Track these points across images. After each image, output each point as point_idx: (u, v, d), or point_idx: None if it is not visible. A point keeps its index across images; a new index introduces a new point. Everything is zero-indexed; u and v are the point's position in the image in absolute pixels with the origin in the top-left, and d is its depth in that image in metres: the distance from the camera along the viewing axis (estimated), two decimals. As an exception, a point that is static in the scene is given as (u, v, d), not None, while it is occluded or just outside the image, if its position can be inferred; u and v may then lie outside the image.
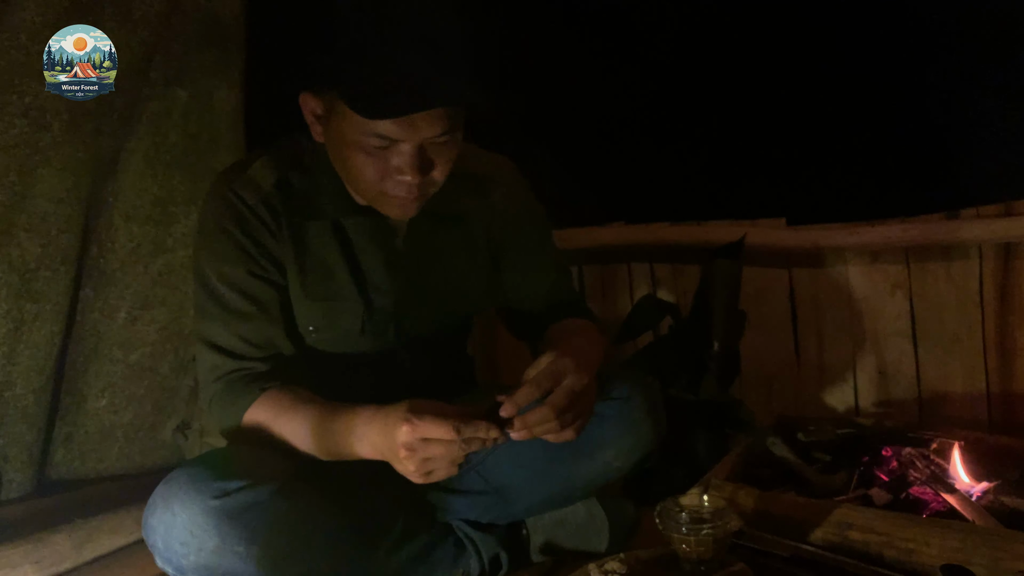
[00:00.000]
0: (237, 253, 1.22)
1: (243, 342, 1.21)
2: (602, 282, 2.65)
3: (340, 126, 1.12)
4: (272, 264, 1.24)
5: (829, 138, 2.37)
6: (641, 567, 1.20)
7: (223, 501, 1.06)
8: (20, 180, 1.64)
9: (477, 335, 2.57)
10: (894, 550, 1.31)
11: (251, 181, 1.23)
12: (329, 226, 1.27)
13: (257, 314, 1.22)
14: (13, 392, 1.71)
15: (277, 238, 1.24)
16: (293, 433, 1.15)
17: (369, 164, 1.12)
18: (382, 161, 1.12)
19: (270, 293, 1.24)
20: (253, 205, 1.22)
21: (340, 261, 1.27)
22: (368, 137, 1.09)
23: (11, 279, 1.66)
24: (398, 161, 1.11)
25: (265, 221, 1.23)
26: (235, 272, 1.22)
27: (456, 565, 1.34)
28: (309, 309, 1.27)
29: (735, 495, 1.50)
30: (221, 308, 1.22)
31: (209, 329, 1.22)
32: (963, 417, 2.17)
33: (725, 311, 2.06)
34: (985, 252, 2.15)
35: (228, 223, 1.22)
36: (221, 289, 1.22)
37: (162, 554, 1.08)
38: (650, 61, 2.56)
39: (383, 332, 1.32)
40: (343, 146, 1.13)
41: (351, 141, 1.11)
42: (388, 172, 1.12)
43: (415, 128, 1.08)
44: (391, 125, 1.07)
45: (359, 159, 1.12)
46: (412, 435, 1.01)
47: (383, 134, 1.08)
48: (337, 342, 1.30)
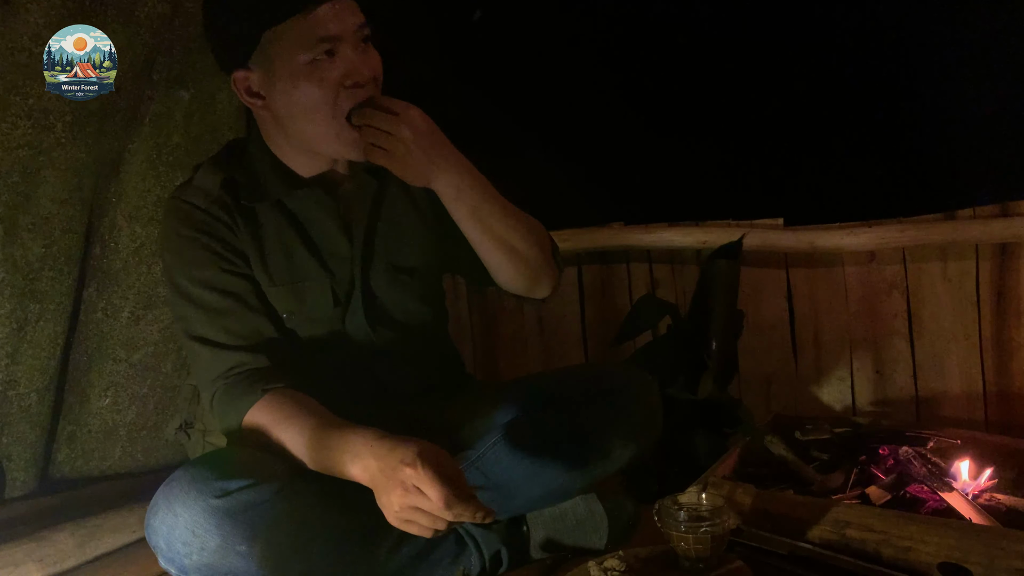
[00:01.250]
0: (204, 254, 1.25)
1: (231, 335, 1.23)
2: (601, 282, 2.66)
3: (284, 64, 1.17)
4: (238, 257, 1.27)
5: (826, 139, 2.38)
6: (640, 564, 1.21)
7: (225, 501, 1.07)
8: (24, 181, 1.65)
9: (474, 333, 2.59)
10: (891, 548, 1.31)
11: (198, 188, 1.28)
12: (278, 207, 1.30)
13: (237, 307, 1.25)
14: (17, 391, 1.72)
15: (235, 232, 1.27)
16: (290, 441, 1.15)
17: (321, 82, 1.17)
18: (333, 75, 1.17)
19: (244, 285, 1.26)
20: (206, 207, 1.26)
21: (296, 239, 1.30)
22: (313, 49, 1.15)
23: (15, 279, 1.67)
24: (345, 65, 1.18)
25: (220, 218, 1.26)
26: (206, 273, 1.25)
27: (457, 562, 1.34)
28: (278, 295, 1.29)
29: (733, 493, 1.51)
30: (201, 310, 1.24)
31: (196, 329, 1.24)
32: (960, 416, 2.18)
33: (723, 311, 2.06)
34: (982, 252, 2.16)
35: (187, 230, 1.25)
36: (196, 291, 1.24)
37: (165, 554, 1.09)
38: (649, 62, 2.57)
39: (354, 308, 1.33)
40: (290, 89, 1.18)
41: (300, 69, 1.16)
42: (341, 87, 1.18)
43: (344, 17, 1.16)
44: (329, 21, 1.15)
45: (310, 91, 1.17)
46: (412, 479, 1.00)
47: (325, 35, 1.15)
48: (313, 325, 1.31)
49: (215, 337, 1.23)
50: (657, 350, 2.15)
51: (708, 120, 2.54)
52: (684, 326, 2.12)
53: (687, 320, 2.12)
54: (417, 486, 1.00)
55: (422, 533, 1.03)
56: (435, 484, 0.99)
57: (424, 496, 1.00)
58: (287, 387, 1.20)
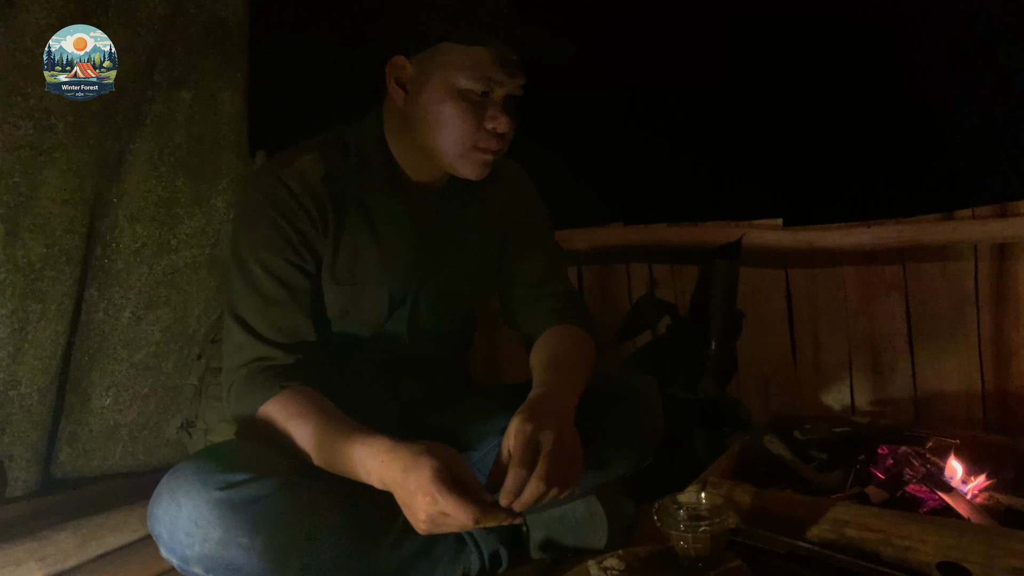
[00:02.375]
0: (278, 239, 1.24)
1: (272, 327, 1.23)
2: (601, 282, 2.67)
3: (441, 78, 1.19)
4: (310, 254, 1.26)
5: (825, 139, 2.38)
6: (639, 564, 1.21)
7: (228, 493, 1.07)
8: (25, 181, 1.65)
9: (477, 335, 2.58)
10: (890, 547, 1.32)
11: (299, 172, 1.26)
12: (361, 209, 1.29)
13: (289, 301, 1.24)
14: (18, 391, 1.72)
15: (319, 230, 1.26)
16: (301, 439, 1.16)
17: (467, 113, 1.20)
18: (479, 110, 1.20)
19: (304, 282, 1.26)
20: (300, 195, 1.24)
21: (370, 241, 1.30)
22: (472, 81, 1.19)
23: (16, 279, 1.67)
24: (493, 110, 1.21)
25: (309, 212, 1.25)
26: (273, 259, 1.24)
27: (457, 562, 1.35)
28: (338, 293, 1.28)
29: (732, 493, 1.51)
30: (254, 292, 1.23)
31: (241, 308, 1.24)
32: (958, 416, 2.18)
33: (723, 311, 2.07)
34: (980, 252, 2.16)
35: (272, 210, 1.24)
36: (256, 272, 1.23)
37: (166, 544, 1.09)
38: (649, 62, 2.57)
39: (397, 317, 1.34)
40: (437, 102, 1.20)
41: (450, 91, 1.19)
42: (482, 122, 1.21)
43: (512, 73, 1.20)
44: (497, 68, 1.19)
45: (457, 109, 1.20)
46: (434, 507, 1.02)
47: (489, 75, 1.18)
48: (361, 326, 1.32)
49: (255, 323, 1.23)
50: (657, 350, 2.15)
51: (708, 120, 2.54)
52: (683, 326, 2.13)
53: (686, 320, 2.13)
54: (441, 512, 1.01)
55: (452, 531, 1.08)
56: (459, 506, 1.01)
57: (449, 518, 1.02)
58: (304, 385, 1.21)
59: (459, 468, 1.06)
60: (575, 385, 1.24)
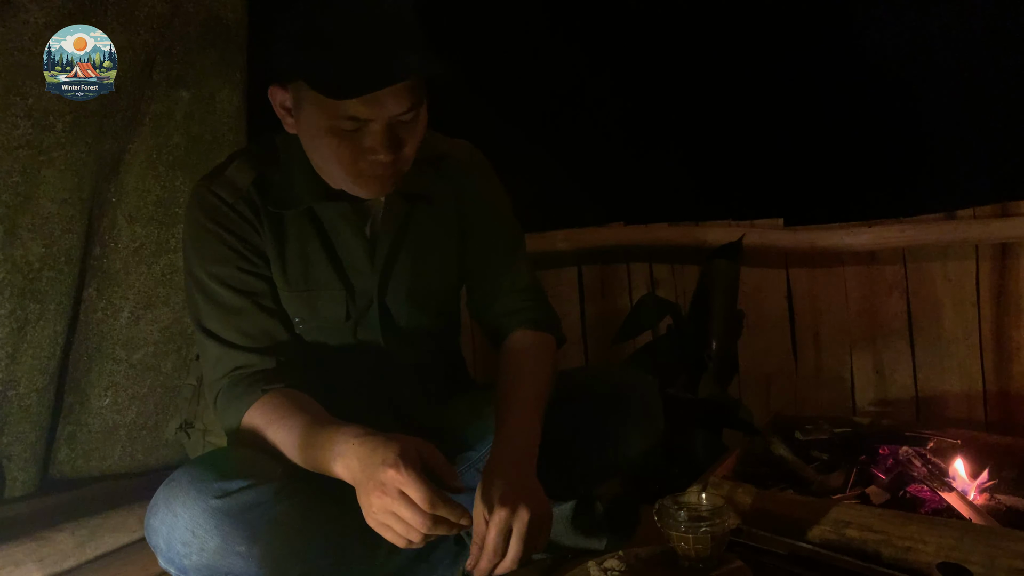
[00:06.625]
0: (224, 251, 1.24)
1: (242, 335, 1.23)
2: (601, 282, 2.66)
3: (310, 113, 1.14)
4: (259, 258, 1.26)
5: (826, 139, 2.38)
6: (640, 565, 1.21)
7: (224, 501, 1.06)
8: (24, 181, 1.65)
9: (475, 335, 2.58)
10: (891, 548, 1.31)
11: (229, 181, 1.26)
12: (305, 214, 1.28)
13: (251, 308, 1.24)
14: (17, 391, 1.72)
15: (259, 233, 1.26)
16: (283, 441, 1.15)
17: (343, 147, 1.14)
18: (354, 143, 1.14)
19: (260, 286, 1.26)
20: (233, 203, 1.24)
21: (318, 249, 1.29)
22: (339, 120, 1.11)
23: (15, 279, 1.67)
24: (370, 141, 1.13)
25: (246, 217, 1.25)
26: (224, 270, 1.24)
27: (457, 563, 1.34)
28: (292, 300, 1.28)
29: (733, 493, 1.51)
30: (216, 305, 1.23)
31: (208, 322, 1.24)
32: (960, 416, 2.18)
33: (723, 311, 2.07)
34: (982, 252, 2.16)
35: (211, 223, 1.24)
36: (212, 287, 1.23)
37: (164, 554, 1.08)
38: (649, 62, 2.57)
39: (369, 321, 1.32)
40: (315, 133, 1.16)
41: (322, 127, 1.14)
42: (361, 153, 1.15)
43: (382, 105, 1.10)
44: (360, 105, 1.09)
45: (332, 143, 1.15)
46: (394, 481, 0.99)
47: (353, 115, 1.10)
48: (324, 333, 1.31)
49: (225, 335, 1.23)
50: (657, 350, 2.15)
51: (708, 120, 2.54)
52: (684, 326, 2.12)
53: (687, 320, 2.13)
54: (399, 488, 0.99)
55: (395, 541, 1.02)
56: (417, 485, 0.98)
57: (402, 501, 0.99)
58: (286, 387, 1.20)
59: (431, 455, 1.04)
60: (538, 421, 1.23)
